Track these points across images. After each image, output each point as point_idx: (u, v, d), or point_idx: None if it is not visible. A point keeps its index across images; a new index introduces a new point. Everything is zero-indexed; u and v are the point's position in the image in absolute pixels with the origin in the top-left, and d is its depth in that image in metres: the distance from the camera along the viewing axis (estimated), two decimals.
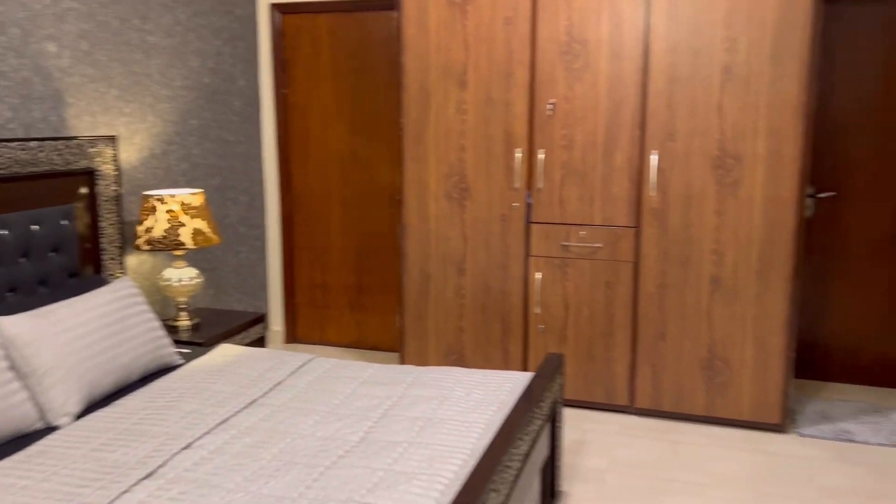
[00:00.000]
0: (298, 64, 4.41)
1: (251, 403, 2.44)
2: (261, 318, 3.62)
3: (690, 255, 3.33)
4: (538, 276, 3.56)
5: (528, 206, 3.54)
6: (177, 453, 2.06)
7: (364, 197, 4.41)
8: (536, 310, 3.59)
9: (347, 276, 4.53)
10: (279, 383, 2.63)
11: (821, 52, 3.73)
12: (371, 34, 4.25)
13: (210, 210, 3.96)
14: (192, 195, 3.31)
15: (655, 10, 3.21)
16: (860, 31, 3.67)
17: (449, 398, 2.46)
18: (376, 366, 2.82)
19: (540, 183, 3.50)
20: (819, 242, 3.88)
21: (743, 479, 2.95)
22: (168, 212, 3.22)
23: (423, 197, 3.69)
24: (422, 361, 3.83)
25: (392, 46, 4.21)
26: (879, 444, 3.25)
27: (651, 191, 3.33)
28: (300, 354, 2.92)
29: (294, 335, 4.70)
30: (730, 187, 3.23)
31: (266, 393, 2.53)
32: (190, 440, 2.13)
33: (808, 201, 3.83)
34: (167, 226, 3.21)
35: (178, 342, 3.21)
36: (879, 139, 3.71)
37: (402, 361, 3.87)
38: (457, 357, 3.76)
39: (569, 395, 3.62)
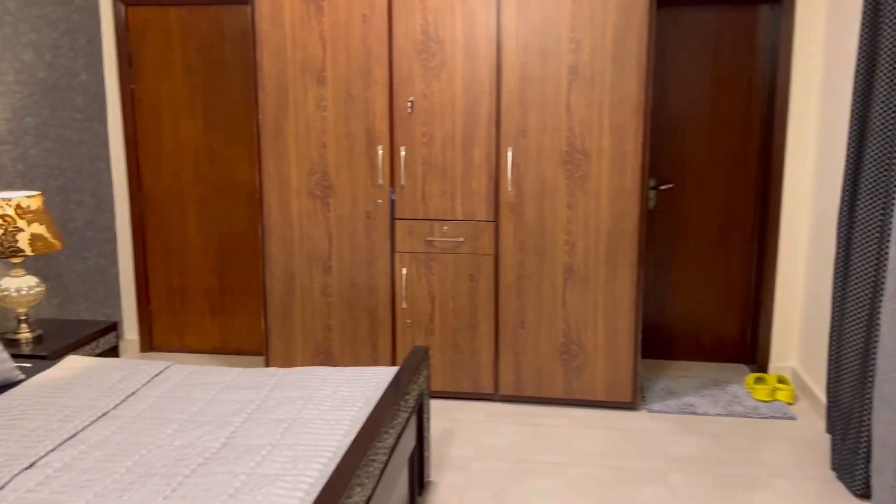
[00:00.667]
0: (146, 58, 4.20)
1: (102, 416, 2.31)
2: (112, 327, 3.42)
3: (545, 246, 3.49)
4: (404, 271, 3.60)
5: (392, 203, 3.57)
6: (18, 474, 1.92)
7: (222, 195, 4.27)
8: (403, 305, 3.63)
9: (207, 279, 4.37)
10: (133, 393, 2.51)
11: (658, 54, 4.01)
12: (225, 28, 4.12)
13: (51, 214, 3.70)
14: (28, 198, 3.08)
15: (505, 12, 3.33)
16: (693, 34, 3.98)
17: (314, 398, 2.45)
18: (238, 370, 2.76)
19: (403, 179, 3.54)
20: (662, 231, 4.18)
21: (599, 456, 3.14)
22: (2, 216, 2.98)
23: (285, 195, 3.63)
24: (288, 363, 3.77)
25: (245, 41, 4.10)
26: (718, 415, 3.55)
27: (508, 186, 3.46)
28: (156, 363, 2.80)
29: (151, 343, 4.48)
30: (579, 181, 3.41)
31: (118, 404, 2.41)
32: (34, 459, 2.00)
33: (651, 193, 4.12)
34: (1, 232, 2.97)
35: (18, 357, 2.98)
36: (711, 134, 4.05)
37: (268, 364, 3.79)
38: (325, 356, 3.74)
39: (437, 387, 3.69)
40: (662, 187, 4.13)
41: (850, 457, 2.77)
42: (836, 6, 3.49)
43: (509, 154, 3.43)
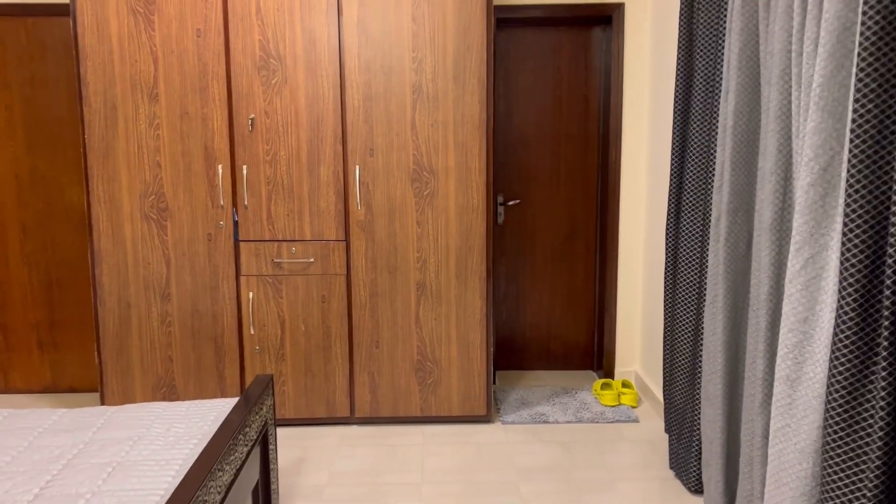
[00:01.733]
0: None
1: None
2: None
3: (397, 263, 3.47)
4: (250, 295, 3.46)
5: (236, 224, 3.42)
6: None
7: (49, 221, 3.94)
8: (251, 331, 3.49)
9: (35, 313, 4.00)
10: None
11: (501, 73, 4.13)
12: (46, 40, 3.81)
13: None
14: None
15: (346, 30, 3.30)
16: (534, 54, 4.13)
17: (145, 437, 2.28)
18: (62, 411, 2.52)
19: (246, 200, 3.40)
20: (511, 245, 4.29)
21: (454, 472, 3.14)
22: None
23: (117, 219, 3.39)
24: (127, 399, 3.51)
25: (71, 55, 3.81)
26: (568, 422, 3.67)
27: (357, 204, 3.42)
28: None
29: None
30: (427, 198, 3.43)
31: None
32: None
33: (500, 209, 4.21)
34: None
35: None
36: (554, 151, 4.21)
37: (103, 401, 3.51)
38: (167, 389, 3.51)
39: (290, 415, 3.57)
40: (510, 203, 4.23)
41: (685, 455, 2.93)
42: (659, 29, 3.74)
43: (357, 172, 3.39)
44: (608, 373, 4.24)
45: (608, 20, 4.01)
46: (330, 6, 3.29)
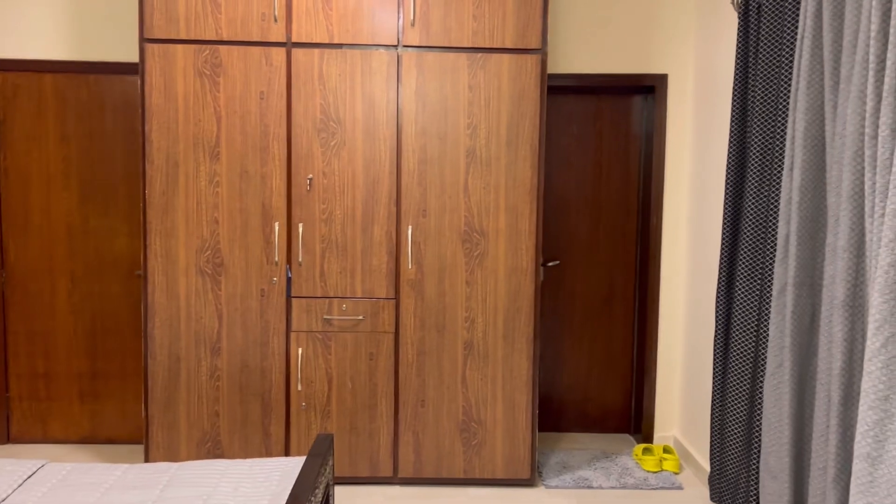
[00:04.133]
0: (16, 125, 3.92)
1: None
2: None
3: (445, 322, 3.50)
4: (300, 351, 3.49)
5: (289, 280, 3.47)
6: None
7: (97, 272, 4.00)
8: (299, 387, 3.50)
9: (78, 362, 4.03)
10: (2, 500, 2.23)
11: (547, 139, 4.22)
12: (105, 97, 3.94)
13: None
14: None
15: (405, 96, 3.41)
16: (575, 121, 4.24)
17: (214, 496, 2.28)
18: (125, 466, 2.53)
19: (300, 256, 3.46)
20: (549, 306, 4.32)
21: None
22: None
23: (172, 273, 3.44)
24: (172, 453, 3.50)
25: (130, 111, 3.93)
26: (612, 488, 3.64)
27: (408, 263, 3.47)
28: (27, 461, 2.52)
29: (7, 434, 4.04)
30: (477, 259, 3.48)
31: None
32: None
33: (540, 270, 4.26)
34: None
35: None
36: (593, 214, 4.28)
37: (148, 455, 3.51)
38: (212, 444, 3.51)
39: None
40: (549, 264, 4.29)
41: None
42: (703, 101, 3.85)
43: (409, 232, 3.45)
44: (647, 437, 4.22)
45: (650, 89, 4.13)
46: (390, 74, 3.40)
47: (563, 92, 4.20)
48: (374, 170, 3.44)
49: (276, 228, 3.44)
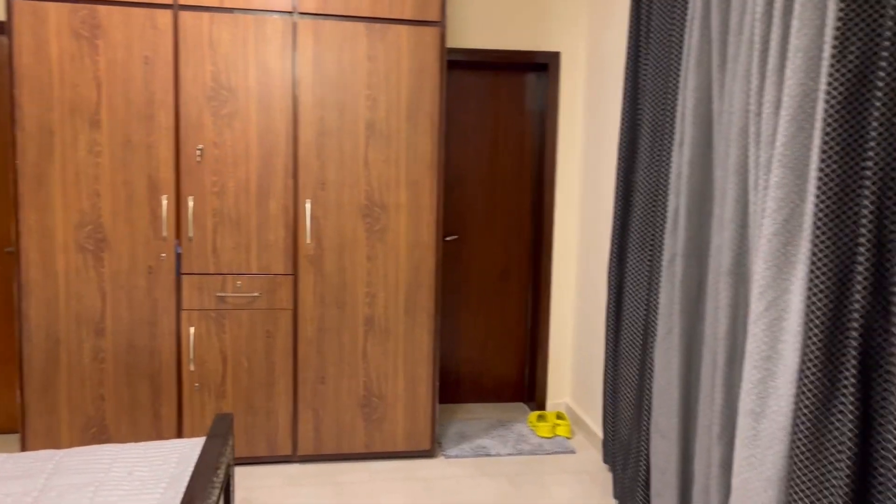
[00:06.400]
0: None
1: None
2: None
3: (346, 298, 3.46)
4: (192, 330, 3.34)
5: (179, 257, 3.31)
6: None
7: None
8: (191, 367, 3.36)
9: None
10: None
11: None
12: None
13: None
14: None
15: (302, 65, 3.31)
16: (472, 96, 4.26)
17: (106, 482, 2.16)
18: (3, 456, 2.35)
19: (191, 232, 3.30)
20: (447, 280, 4.36)
21: None
22: None
23: (49, 249, 3.20)
24: (52, 441, 3.28)
25: (2, 76, 3.61)
26: (509, 455, 3.74)
27: (306, 238, 3.39)
28: None
29: None
30: (378, 234, 3.45)
31: None
32: None
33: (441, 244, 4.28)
34: None
35: None
36: (489, 188, 4.34)
37: (25, 444, 3.27)
38: (98, 430, 3.32)
39: None
40: (448, 238, 4.32)
41: (631, 484, 3.07)
42: (595, 79, 3.97)
43: (308, 206, 3.37)
44: (540, 405, 4.36)
45: (543, 67, 4.21)
46: (286, 42, 3.29)
47: (461, 67, 4.22)
48: (269, 141, 3.33)
49: (164, 202, 3.27)
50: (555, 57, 4.14)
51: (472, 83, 4.26)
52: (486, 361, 4.47)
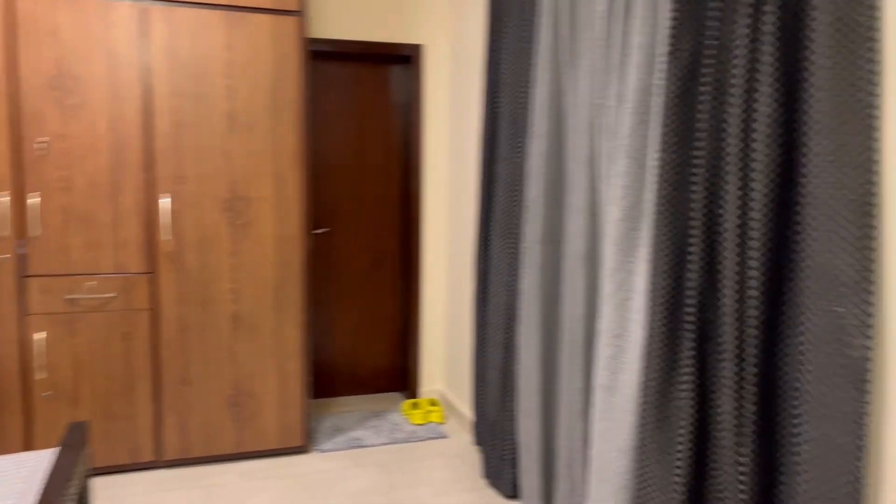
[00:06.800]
0: None
1: None
2: None
3: (209, 295, 3.35)
4: (40, 336, 3.12)
5: (22, 258, 3.08)
6: None
7: None
8: (41, 375, 3.14)
9: None
10: None
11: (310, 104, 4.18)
12: None
13: None
14: None
15: (155, 53, 3.16)
16: (338, 87, 4.23)
17: None
18: None
19: (35, 230, 3.08)
20: (319, 273, 4.32)
21: None
22: None
23: None
24: None
25: None
26: (382, 444, 3.78)
27: (165, 234, 3.25)
28: None
29: None
30: (242, 228, 3.37)
31: None
32: None
33: (309, 237, 4.23)
34: None
35: None
36: (358, 180, 4.34)
37: None
38: None
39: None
40: (318, 231, 4.28)
41: (499, 464, 3.18)
42: (458, 71, 4.05)
43: (165, 201, 3.23)
44: (414, 393, 4.42)
45: (407, 59, 4.25)
46: (136, 28, 3.13)
47: (326, 58, 4.17)
48: (121, 133, 3.16)
49: (4, 199, 3.02)
50: (418, 49, 4.19)
51: (338, 75, 4.23)
52: (361, 353, 4.47)
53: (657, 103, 2.00)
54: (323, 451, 3.66)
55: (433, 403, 4.21)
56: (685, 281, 1.94)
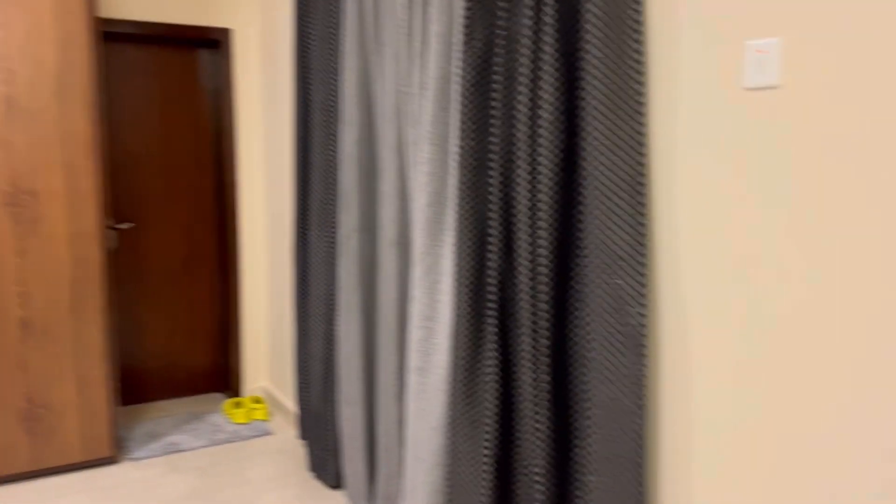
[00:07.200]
0: None
1: None
2: None
3: None
4: None
5: None
6: None
7: None
8: None
9: None
10: None
11: (108, 91, 3.87)
12: None
13: None
14: None
15: None
16: (139, 73, 3.95)
17: None
18: None
19: None
20: (125, 272, 4.03)
21: None
22: None
23: None
24: None
25: None
26: (203, 447, 3.61)
27: None
28: None
29: None
30: (29, 225, 3.06)
31: None
32: None
33: (112, 233, 3.94)
34: None
35: None
36: (165, 171, 4.09)
37: None
38: None
39: None
40: (122, 226, 3.99)
41: (323, 455, 3.16)
42: (269, 57, 3.94)
43: None
44: (237, 392, 4.27)
45: (216, 44, 4.07)
46: None
47: (124, 40, 3.88)
48: None
49: None
50: (227, 34, 4.01)
51: (140, 59, 3.96)
52: (177, 354, 4.24)
53: (456, 91, 2.06)
54: (136, 459, 3.44)
55: (257, 401, 4.09)
56: (486, 262, 2.02)
